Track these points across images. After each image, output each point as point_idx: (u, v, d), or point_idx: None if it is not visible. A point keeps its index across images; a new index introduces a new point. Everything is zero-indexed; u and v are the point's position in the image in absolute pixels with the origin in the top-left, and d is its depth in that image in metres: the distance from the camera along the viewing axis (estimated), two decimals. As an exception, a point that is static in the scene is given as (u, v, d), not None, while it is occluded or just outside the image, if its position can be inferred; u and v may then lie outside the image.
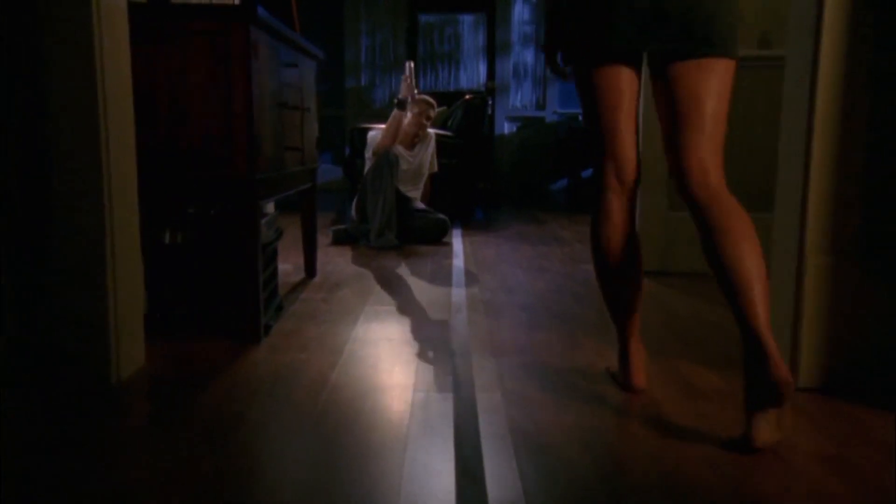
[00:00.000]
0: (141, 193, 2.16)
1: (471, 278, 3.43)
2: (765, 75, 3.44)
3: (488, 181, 7.67)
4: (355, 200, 4.69)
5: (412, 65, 4.90)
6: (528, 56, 8.55)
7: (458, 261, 3.91)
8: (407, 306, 2.89)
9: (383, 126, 5.70)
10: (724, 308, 2.81)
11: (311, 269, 3.46)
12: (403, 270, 3.65)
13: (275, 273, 2.75)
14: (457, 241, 4.61)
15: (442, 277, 3.46)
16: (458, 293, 3.11)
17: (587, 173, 7.63)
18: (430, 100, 5.01)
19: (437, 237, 4.61)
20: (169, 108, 2.21)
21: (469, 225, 5.49)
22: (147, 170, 2.20)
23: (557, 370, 2.14)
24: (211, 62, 2.20)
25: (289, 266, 3.69)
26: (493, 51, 8.33)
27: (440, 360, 2.22)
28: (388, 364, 2.19)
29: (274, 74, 2.50)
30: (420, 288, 3.22)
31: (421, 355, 2.26)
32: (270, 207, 3.00)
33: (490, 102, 7.48)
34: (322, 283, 3.34)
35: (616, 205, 1.93)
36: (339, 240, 4.55)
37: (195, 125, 2.22)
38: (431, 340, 2.42)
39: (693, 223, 1.84)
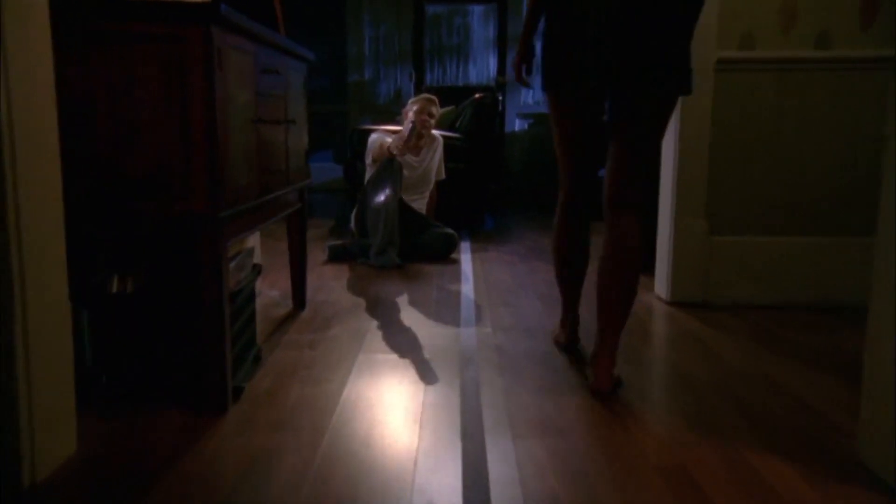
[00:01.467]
0: (79, 234, 1.73)
1: (482, 312, 3.00)
2: (822, 79, 2.98)
3: (499, 182, 7.23)
4: (354, 212, 4.26)
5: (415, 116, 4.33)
6: (537, 48, 8.09)
7: (468, 286, 3.48)
8: (408, 354, 2.46)
9: (386, 128, 5.27)
10: (789, 357, 2.33)
11: (299, 299, 3.03)
12: (405, 299, 3.22)
13: (252, 318, 2.32)
14: (465, 259, 4.18)
15: (449, 310, 3.03)
16: (468, 336, 2.68)
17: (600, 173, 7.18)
18: (431, 96, 4.57)
19: (445, 253, 4.18)
20: (111, 130, 1.78)
21: (478, 236, 5.05)
22: (86, 206, 1.78)
23: (592, 457, 1.71)
24: (163, 73, 1.77)
25: (276, 294, 3.27)
26: (505, 43, 7.86)
27: (446, 438, 1.79)
28: (382, 446, 1.76)
29: (247, 85, 2.07)
30: (424, 327, 2.79)
31: (423, 430, 1.84)
32: (252, 240, 2.58)
33: (500, 98, 7.02)
34: (311, 317, 2.91)
35: (573, 214, 2.36)
36: (335, 256, 4.12)
37: (145, 150, 1.79)
38: (436, 409, 1.99)
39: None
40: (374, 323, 2.83)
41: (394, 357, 2.43)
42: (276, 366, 2.32)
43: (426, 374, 2.27)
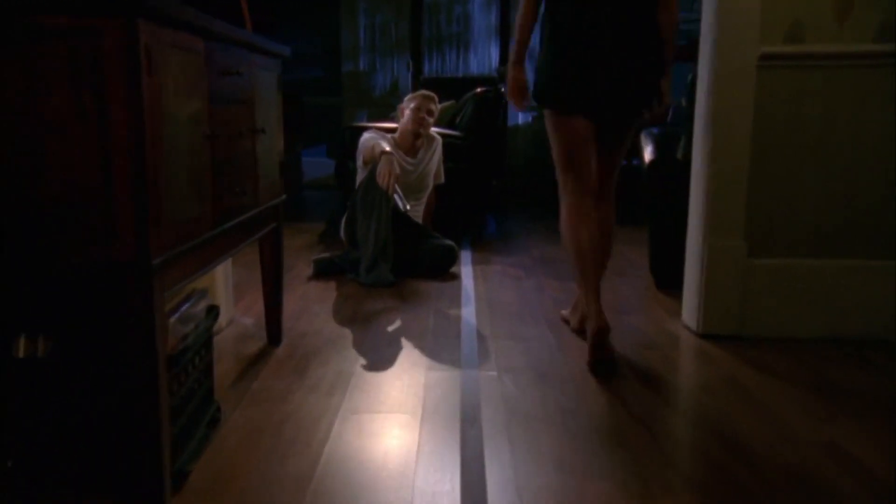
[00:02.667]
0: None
1: (485, 347, 2.60)
2: (882, 77, 2.57)
3: (502, 179, 6.81)
4: (344, 219, 3.85)
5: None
6: (535, 38, 7.66)
7: (469, 310, 3.08)
8: (398, 410, 2.06)
9: (382, 124, 4.85)
10: (849, 411, 1.89)
11: (274, 333, 2.63)
12: (398, 329, 2.81)
13: (207, 372, 1.92)
14: (466, 273, 3.77)
15: (448, 344, 2.63)
16: (470, 382, 2.28)
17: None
18: (430, 93, 4.15)
19: (444, 268, 3.77)
20: (6, 153, 1.37)
21: (480, 243, 4.64)
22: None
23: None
24: (73, 78, 1.36)
25: (250, 322, 2.87)
26: (507, 32, 7.40)
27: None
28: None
29: (196, 92, 1.66)
30: (418, 368, 2.39)
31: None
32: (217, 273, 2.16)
33: (503, 91, 6.59)
34: (288, 355, 2.51)
35: (586, 209, 2.61)
36: (321, 271, 3.71)
37: (50, 180, 1.38)
38: (433, 497, 1.59)
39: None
40: (360, 363, 2.43)
41: (381, 415, 2.03)
42: (238, 431, 1.92)
43: (420, 442, 1.87)
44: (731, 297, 2.68)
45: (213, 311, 1.92)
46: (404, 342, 2.65)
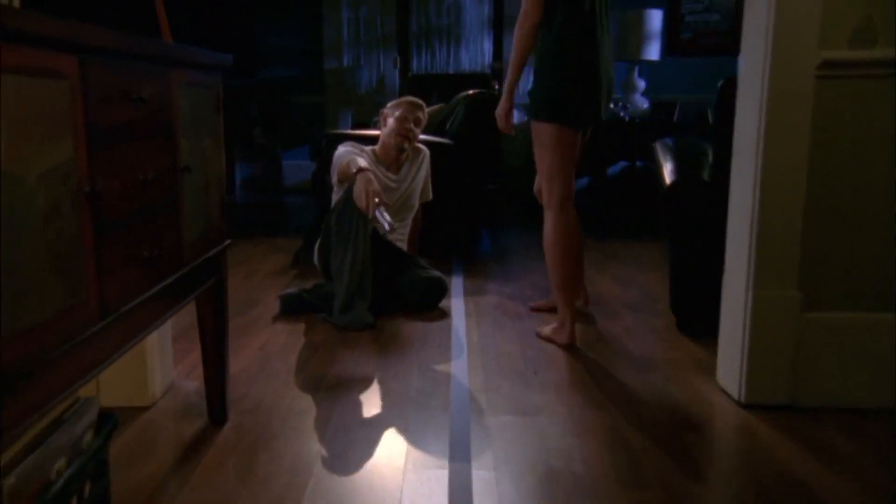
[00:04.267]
0: None
1: (480, 428, 2.09)
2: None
3: (497, 184, 6.30)
4: (318, 245, 3.33)
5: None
6: (543, 31, 7.14)
7: (460, 365, 2.57)
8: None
9: (362, 133, 4.33)
10: None
11: (217, 410, 2.12)
12: (373, 398, 2.31)
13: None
14: (457, 309, 3.26)
15: (433, 422, 2.12)
16: (460, 484, 1.78)
17: (615, 169, 6.26)
18: (417, 100, 3.64)
19: (431, 303, 3.27)
20: None
21: (473, 264, 4.13)
22: None
23: None
24: None
25: (192, 387, 2.36)
26: (501, 25, 6.89)
27: None
28: None
29: (61, 133, 1.15)
30: (396, 461, 1.89)
31: None
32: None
33: (498, 89, 6.08)
34: (233, 442, 2.01)
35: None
36: (288, 309, 3.20)
37: None
38: None
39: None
40: (322, 456, 1.93)
41: (341, 552, 1.53)
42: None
43: None
44: (782, 360, 2.18)
45: (107, 424, 1.41)
46: (380, 420, 2.15)
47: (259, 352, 2.69)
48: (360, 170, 3.05)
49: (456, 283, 3.69)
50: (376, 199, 2.94)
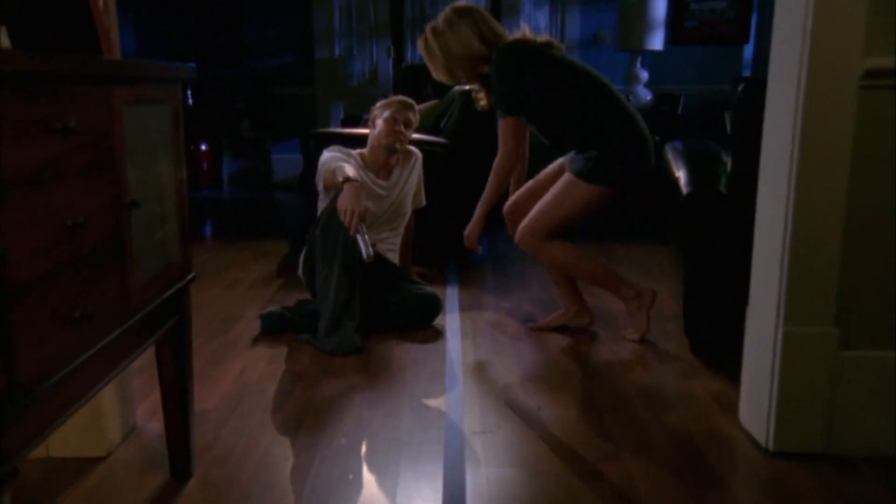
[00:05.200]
0: None
1: (476, 487, 1.86)
2: None
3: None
4: (303, 255, 3.09)
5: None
6: (542, 19, 6.90)
7: (455, 399, 2.34)
8: None
9: (350, 131, 4.08)
10: None
11: (180, 463, 1.87)
12: (358, 442, 2.07)
13: None
14: (452, 327, 3.02)
15: (424, 475, 1.89)
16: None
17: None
18: (408, 100, 3.38)
19: (424, 322, 3.03)
20: None
21: (469, 273, 3.89)
22: None
23: None
24: None
25: (155, 430, 2.12)
26: (499, 13, 6.64)
27: None
28: None
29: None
30: (380, 531, 1.66)
31: None
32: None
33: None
34: (195, 499, 1.77)
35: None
36: (269, 329, 2.96)
37: None
38: None
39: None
40: (298, 522, 1.69)
41: None
42: None
43: None
44: (815, 403, 1.95)
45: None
46: (366, 472, 1.92)
47: (233, 386, 2.45)
48: (347, 179, 2.80)
49: (451, 296, 3.45)
50: (359, 221, 2.68)
